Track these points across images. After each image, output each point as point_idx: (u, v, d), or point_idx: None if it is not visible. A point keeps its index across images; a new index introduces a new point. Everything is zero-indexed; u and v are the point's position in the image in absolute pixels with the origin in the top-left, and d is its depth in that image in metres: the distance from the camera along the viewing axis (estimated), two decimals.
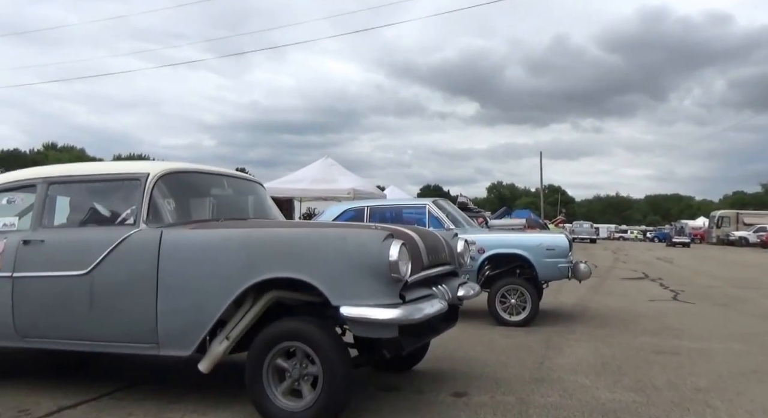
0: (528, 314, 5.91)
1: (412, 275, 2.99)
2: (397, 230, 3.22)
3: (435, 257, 3.44)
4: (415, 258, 3.09)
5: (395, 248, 2.81)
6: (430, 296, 3.11)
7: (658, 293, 9.40)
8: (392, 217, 6.57)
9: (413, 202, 6.64)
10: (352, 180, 14.10)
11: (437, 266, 3.47)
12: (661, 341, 5.24)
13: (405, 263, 2.88)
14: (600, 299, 8.39)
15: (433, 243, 3.51)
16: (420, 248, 3.22)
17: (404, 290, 2.91)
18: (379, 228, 3.12)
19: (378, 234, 2.88)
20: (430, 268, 3.33)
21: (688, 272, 14.82)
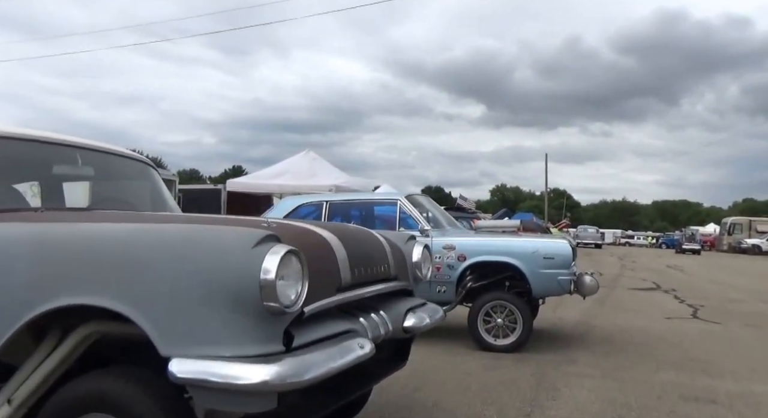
0: (518, 338, 4.74)
1: (312, 300, 1.85)
2: (292, 229, 2.07)
3: (368, 271, 2.28)
4: (322, 274, 1.95)
5: (272, 258, 1.66)
6: (347, 334, 1.96)
7: (675, 309, 8.19)
8: (358, 214, 5.43)
9: (381, 197, 5.48)
10: (335, 176, 12.95)
11: (373, 282, 2.32)
12: (689, 380, 4.05)
13: (293, 284, 1.73)
14: (607, 316, 7.19)
15: (366, 250, 2.35)
16: (336, 257, 2.06)
17: (296, 327, 1.78)
18: (265, 226, 1.97)
19: (247, 236, 1.73)
20: (358, 287, 2.18)
21: (703, 283, 13.57)
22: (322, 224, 2.35)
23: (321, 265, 1.97)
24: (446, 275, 4.92)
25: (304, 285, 1.76)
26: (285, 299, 1.69)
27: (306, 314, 1.82)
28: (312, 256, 1.92)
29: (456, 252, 4.90)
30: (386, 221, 5.23)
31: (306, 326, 1.84)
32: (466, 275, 4.97)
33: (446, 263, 4.92)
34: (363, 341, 1.92)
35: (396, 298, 2.54)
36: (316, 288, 1.89)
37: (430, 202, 5.93)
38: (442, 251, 4.93)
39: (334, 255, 2.07)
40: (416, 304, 2.60)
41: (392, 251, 2.59)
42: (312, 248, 1.97)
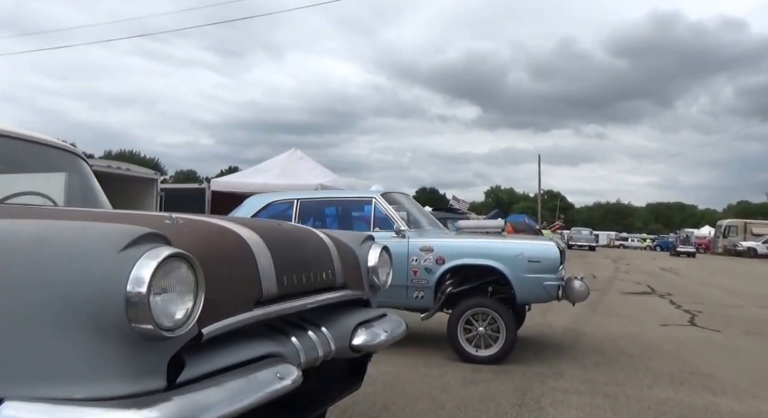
0: (501, 348, 4.33)
1: (217, 318, 1.43)
2: (199, 227, 1.66)
3: (304, 279, 1.86)
4: (234, 284, 1.53)
5: (146, 265, 1.23)
6: (266, 360, 1.54)
7: (671, 314, 7.81)
8: (332, 214, 5.02)
9: (356, 196, 5.07)
10: (322, 175, 12.55)
11: (311, 293, 1.91)
12: (688, 397, 3.66)
13: (179, 299, 1.31)
14: (599, 322, 6.80)
15: (302, 253, 1.92)
16: (257, 262, 1.64)
17: (193, 354, 1.37)
18: (168, 222, 1.56)
19: (115, 235, 1.30)
20: (288, 299, 1.77)
21: (699, 286, 13.22)
22: (245, 221, 1.92)
23: (233, 272, 1.56)
24: (424, 279, 4.52)
25: (198, 300, 1.34)
26: (165, 319, 1.27)
27: (206, 337, 1.41)
28: (218, 261, 1.51)
29: (434, 254, 4.50)
30: (363, 220, 4.82)
31: (208, 352, 1.42)
32: (445, 280, 4.57)
33: (424, 266, 4.51)
34: (285, 369, 1.50)
35: (346, 310, 2.13)
36: (223, 302, 1.48)
37: (410, 200, 5.53)
38: (419, 253, 4.53)
39: (253, 260, 1.65)
40: (371, 317, 2.19)
41: (341, 254, 2.17)
42: (220, 252, 1.56)
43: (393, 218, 4.68)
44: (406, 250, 4.54)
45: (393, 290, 4.77)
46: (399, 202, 5.08)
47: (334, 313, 2.03)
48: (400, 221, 4.66)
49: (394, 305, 4.73)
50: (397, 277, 4.57)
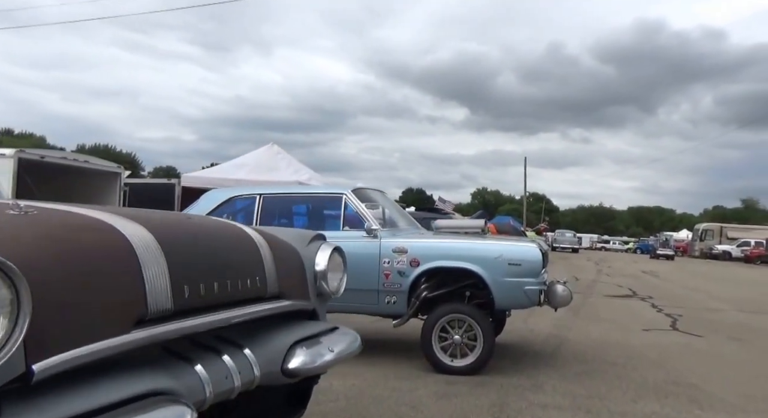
0: (478, 358, 4.05)
1: (61, 348, 1.08)
2: (55, 220, 1.32)
3: (217, 288, 1.52)
4: (99, 298, 1.20)
5: None
6: (145, 402, 1.16)
7: (653, 319, 7.63)
8: (300, 211, 4.70)
9: (324, 191, 4.74)
10: (300, 172, 12.20)
11: (228, 305, 1.56)
12: (674, 411, 3.41)
13: None
14: (581, 327, 6.58)
15: (215, 256, 1.58)
16: (141, 267, 1.31)
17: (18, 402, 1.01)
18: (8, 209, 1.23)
19: None
20: (192, 314, 1.42)
21: (679, 289, 13.16)
22: (133, 212, 1.56)
23: (100, 282, 1.21)
24: (396, 283, 4.22)
25: (19, 324, 0.99)
26: None
27: (38, 376, 1.03)
28: (75, 268, 1.16)
29: (408, 256, 4.20)
30: (333, 218, 4.50)
31: (51, 396, 1.06)
32: (420, 283, 4.27)
33: (396, 268, 4.21)
34: (172, 412, 1.16)
35: (283, 326, 1.78)
36: (76, 325, 1.12)
37: (385, 198, 5.22)
38: (392, 255, 4.23)
39: (135, 264, 1.31)
40: (315, 332, 1.85)
41: (277, 256, 1.83)
42: (81, 254, 1.21)
43: (364, 216, 4.37)
44: (378, 251, 4.24)
45: (363, 294, 4.48)
46: (373, 200, 4.78)
47: (266, 330, 1.68)
48: (372, 219, 4.35)
49: (364, 311, 4.44)
50: (368, 280, 4.29)
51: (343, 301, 4.40)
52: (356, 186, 4.65)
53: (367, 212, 4.39)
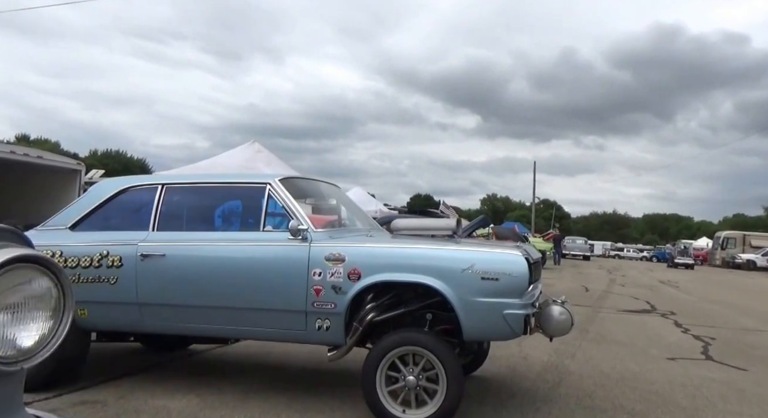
0: (440, 408, 2.89)
1: None
2: None
3: None
4: None
5: None
6: None
7: (678, 342, 6.38)
8: (210, 205, 3.60)
9: (244, 180, 3.58)
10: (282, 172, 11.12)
11: None
12: None
13: None
14: (589, 354, 5.37)
15: None
16: None
17: None
18: None
19: None
20: None
21: (704, 303, 11.81)
22: None
23: None
24: (330, 301, 3.08)
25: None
26: None
27: None
28: None
29: (346, 266, 3.07)
30: (252, 216, 3.39)
31: None
32: (364, 302, 3.14)
33: (330, 282, 3.08)
34: None
35: None
36: None
37: (333, 191, 4.10)
38: (324, 264, 3.10)
39: None
40: None
41: None
42: None
43: (292, 211, 3.25)
44: (306, 258, 3.11)
45: (285, 317, 3.31)
46: (312, 193, 3.68)
47: None
48: (301, 216, 3.23)
49: (287, 338, 3.31)
50: (291, 298, 3.13)
51: (258, 325, 3.31)
52: (286, 174, 3.52)
53: (296, 208, 3.26)
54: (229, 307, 3.19)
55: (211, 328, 3.27)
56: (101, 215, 3.45)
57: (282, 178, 3.42)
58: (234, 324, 3.21)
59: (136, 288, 3.23)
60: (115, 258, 3.26)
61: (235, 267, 3.18)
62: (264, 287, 3.14)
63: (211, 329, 3.28)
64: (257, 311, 3.16)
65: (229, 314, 3.20)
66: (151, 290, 3.22)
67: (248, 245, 3.21)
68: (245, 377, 3.99)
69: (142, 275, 3.23)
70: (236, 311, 3.18)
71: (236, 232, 3.29)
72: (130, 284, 3.24)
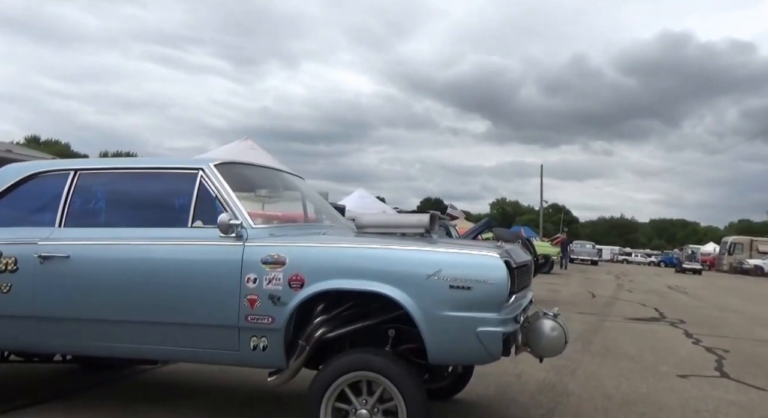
0: None
1: None
2: None
3: None
4: None
5: None
6: None
7: (690, 356, 5.76)
8: (132, 195, 3.03)
9: (173, 165, 3.00)
10: None
11: None
12: None
13: None
14: (591, 369, 4.77)
15: None
16: None
17: None
18: None
19: None
20: None
21: (714, 310, 11.15)
22: None
23: None
24: (266, 314, 2.52)
25: None
26: None
27: None
28: None
29: (287, 270, 2.50)
30: (181, 209, 2.83)
31: None
32: (313, 315, 2.58)
33: (267, 290, 2.51)
34: None
35: None
36: None
37: (295, 183, 3.54)
38: (260, 269, 2.53)
39: None
40: None
41: None
42: None
43: (227, 203, 2.69)
44: (239, 261, 2.55)
45: (211, 333, 2.70)
46: (265, 185, 3.12)
47: None
48: (238, 209, 2.67)
49: (216, 360, 2.75)
50: (219, 310, 2.56)
51: (182, 344, 2.72)
52: (227, 159, 2.95)
53: (230, 199, 2.70)
54: (147, 321, 2.62)
55: (126, 348, 2.69)
56: (0, 207, 2.91)
57: (219, 163, 2.85)
58: (153, 343, 2.64)
59: (34, 297, 2.67)
60: (9, 260, 2.71)
61: (154, 271, 2.62)
62: (188, 296, 2.58)
63: (125, 349, 2.70)
64: (180, 327, 2.59)
65: (147, 330, 2.64)
66: (50, 300, 2.66)
67: (171, 244, 2.65)
68: (196, 399, 3.43)
69: (41, 282, 2.67)
70: (156, 327, 2.62)
71: (159, 228, 2.73)
72: (26, 293, 2.68)
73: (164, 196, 2.91)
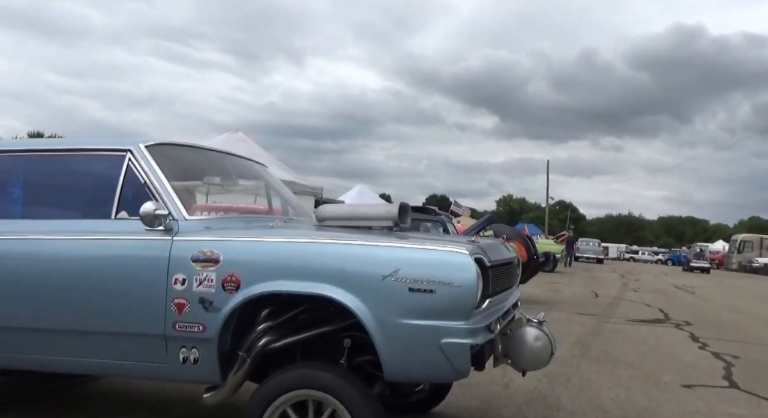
0: None
1: None
2: None
3: None
4: None
5: None
6: None
7: (696, 362, 5.35)
8: (45, 180, 2.65)
9: (96, 147, 2.58)
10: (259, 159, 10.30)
11: None
12: None
13: None
14: (588, 378, 4.37)
15: None
16: None
17: None
18: None
19: None
20: None
21: (722, 311, 10.71)
22: None
23: None
24: (196, 322, 2.15)
25: None
26: None
27: None
28: None
29: (220, 270, 2.13)
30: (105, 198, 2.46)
31: None
32: (257, 321, 2.21)
33: (197, 293, 2.15)
34: None
35: None
36: None
37: (244, 167, 3.16)
38: (190, 267, 2.16)
39: None
40: None
41: None
42: None
43: (156, 189, 2.31)
44: (166, 259, 2.18)
45: (139, 344, 2.32)
46: (206, 169, 2.75)
47: None
48: (170, 198, 2.29)
49: (138, 374, 2.38)
50: (142, 316, 2.20)
51: (106, 355, 2.30)
52: (162, 140, 2.57)
53: (160, 185, 2.33)
54: (68, 330, 2.26)
55: (45, 360, 2.33)
56: None
57: (152, 143, 2.47)
58: (72, 354, 2.28)
59: None
60: None
61: (69, 270, 2.26)
62: (110, 300, 2.22)
63: (44, 361, 2.34)
64: (105, 337, 2.23)
65: (68, 340, 2.27)
66: None
67: (90, 239, 2.28)
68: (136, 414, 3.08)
69: None
70: (74, 336, 2.26)
71: (79, 220, 2.37)
72: None
73: (87, 182, 2.54)
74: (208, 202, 3.05)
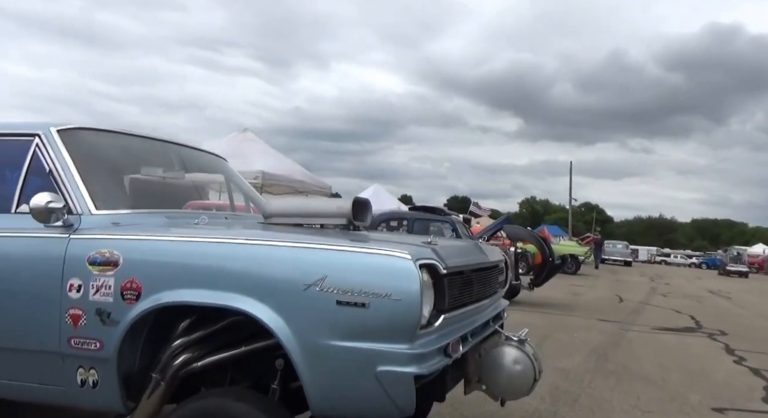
0: None
1: None
2: None
3: None
4: None
5: None
6: None
7: (730, 378, 4.77)
8: None
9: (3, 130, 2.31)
10: (270, 160, 10.03)
11: None
12: None
13: None
14: (599, 397, 3.86)
15: None
16: None
17: None
18: None
19: None
20: None
21: (762, 320, 9.93)
22: None
23: None
24: (94, 337, 1.77)
25: None
26: None
27: None
28: None
29: (119, 274, 1.76)
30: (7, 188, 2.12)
31: None
32: (174, 336, 1.83)
33: (94, 302, 1.78)
34: None
35: None
36: None
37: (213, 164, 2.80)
38: (86, 272, 1.80)
39: None
40: None
41: None
42: None
43: (61, 181, 1.96)
44: (61, 261, 1.82)
45: (33, 362, 1.96)
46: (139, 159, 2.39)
47: None
48: (74, 188, 1.94)
49: (45, 399, 2.00)
50: (37, 328, 1.86)
51: None
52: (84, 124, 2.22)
53: (71, 174, 1.97)
54: None
55: None
56: None
57: (66, 128, 2.12)
58: None
59: None
60: None
61: None
62: (1, 308, 1.87)
63: None
64: None
65: None
66: None
67: None
68: None
69: None
70: None
71: None
72: None
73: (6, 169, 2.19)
74: None
